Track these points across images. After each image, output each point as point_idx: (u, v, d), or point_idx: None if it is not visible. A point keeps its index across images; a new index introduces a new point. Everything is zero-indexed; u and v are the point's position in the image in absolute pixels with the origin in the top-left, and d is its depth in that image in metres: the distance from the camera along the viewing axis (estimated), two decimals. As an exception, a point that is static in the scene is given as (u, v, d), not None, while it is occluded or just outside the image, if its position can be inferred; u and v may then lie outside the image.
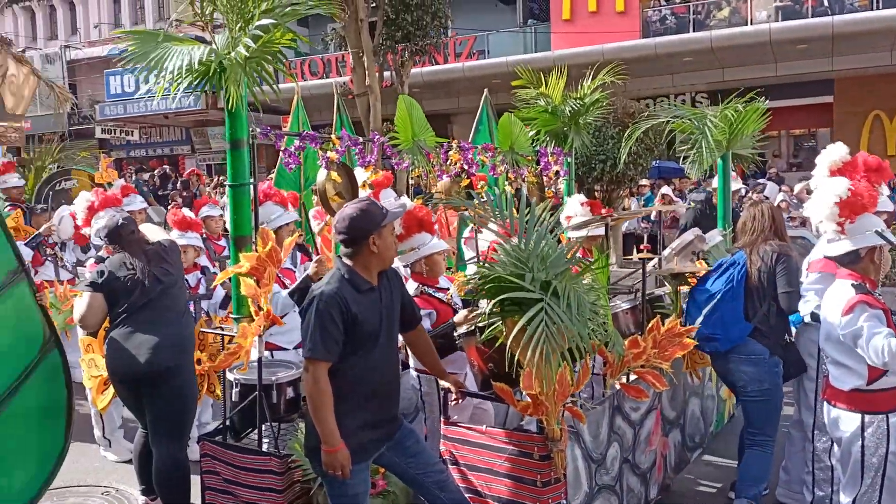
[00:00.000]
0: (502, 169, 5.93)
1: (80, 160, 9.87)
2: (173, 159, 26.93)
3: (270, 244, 3.79)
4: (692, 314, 4.21)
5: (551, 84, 6.81)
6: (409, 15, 13.19)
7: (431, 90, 19.38)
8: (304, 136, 4.14)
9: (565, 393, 3.26)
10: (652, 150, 10.55)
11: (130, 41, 3.49)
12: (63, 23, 29.88)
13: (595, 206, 5.47)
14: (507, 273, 3.09)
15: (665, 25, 18.49)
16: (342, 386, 2.97)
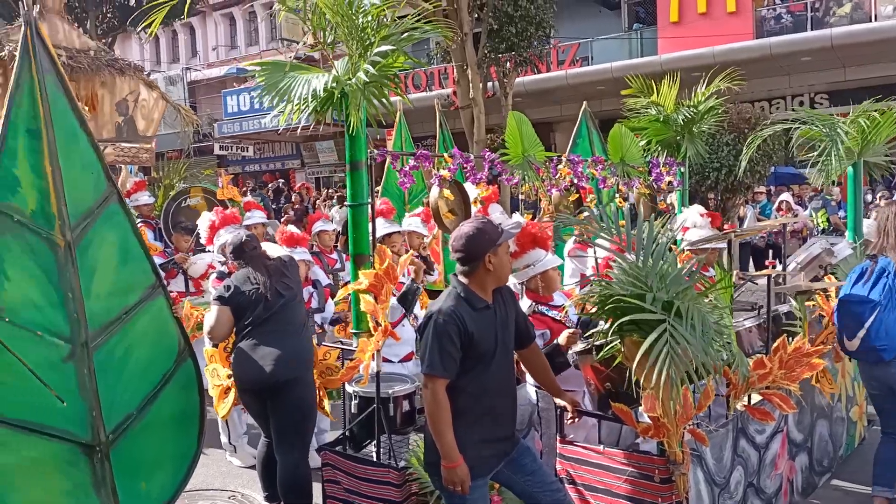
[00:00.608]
0: (613, 181, 5.84)
1: (203, 178, 10.46)
2: (284, 173, 28.06)
3: (388, 261, 3.89)
4: (851, 327, 4.03)
5: (663, 92, 6.67)
6: (513, 27, 13.19)
7: (534, 99, 19.31)
8: (419, 157, 4.24)
9: (688, 415, 3.18)
10: (770, 156, 10.08)
11: (261, 72, 3.68)
12: (184, 47, 31.76)
13: (715, 219, 5.30)
14: (627, 293, 3.04)
15: (780, 24, 17.66)
16: (460, 402, 3.02)
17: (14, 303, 3.38)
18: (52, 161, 3.45)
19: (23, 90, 3.41)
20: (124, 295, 3.73)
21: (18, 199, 3.41)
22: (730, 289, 3.97)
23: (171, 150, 22.48)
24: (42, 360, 3.45)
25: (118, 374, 3.70)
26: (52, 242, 3.47)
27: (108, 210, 3.68)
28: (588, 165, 5.50)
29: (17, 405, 3.40)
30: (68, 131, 3.53)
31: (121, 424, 3.71)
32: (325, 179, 27.34)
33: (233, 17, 29.99)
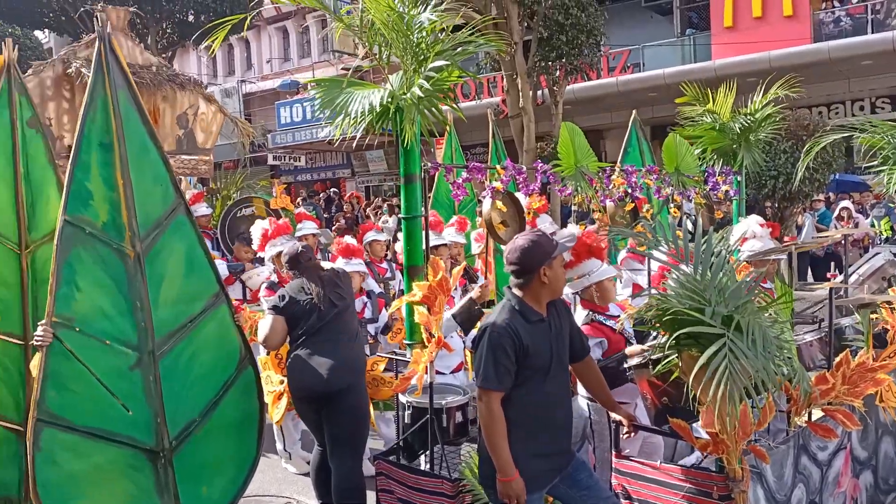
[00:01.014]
0: (668, 191, 5.77)
1: (259, 189, 10.70)
2: (335, 182, 28.45)
3: (441, 273, 3.92)
4: None
5: (718, 100, 6.57)
6: (563, 35, 13.15)
7: (584, 106, 19.19)
8: (472, 169, 4.27)
9: (747, 431, 3.12)
10: (830, 164, 9.82)
11: (318, 89, 3.77)
12: (239, 59, 32.52)
13: (775, 229, 5.19)
14: (685, 306, 3.01)
15: (839, 28, 17.19)
16: (515, 416, 3.02)
17: (85, 313, 3.50)
18: (123, 173, 3.56)
19: (96, 105, 3.54)
20: (190, 303, 3.83)
21: (90, 212, 3.53)
22: (790, 303, 3.88)
23: (226, 160, 23.03)
24: (110, 368, 3.56)
25: (183, 381, 3.79)
26: (123, 253, 3.59)
27: (176, 221, 3.79)
28: (642, 175, 5.45)
29: (87, 413, 3.51)
30: (139, 145, 3.64)
31: (184, 430, 3.80)
32: (375, 188, 27.64)
33: (286, 31, 30.60)
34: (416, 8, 3.70)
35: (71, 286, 3.47)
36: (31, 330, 4.03)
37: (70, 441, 3.47)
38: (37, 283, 4.06)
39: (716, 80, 14.13)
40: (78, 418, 3.49)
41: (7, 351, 4.01)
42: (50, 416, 3.42)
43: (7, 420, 4.04)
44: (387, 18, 3.66)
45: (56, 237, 3.47)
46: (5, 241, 3.99)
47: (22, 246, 4.04)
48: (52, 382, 3.42)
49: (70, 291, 3.47)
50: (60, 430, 3.44)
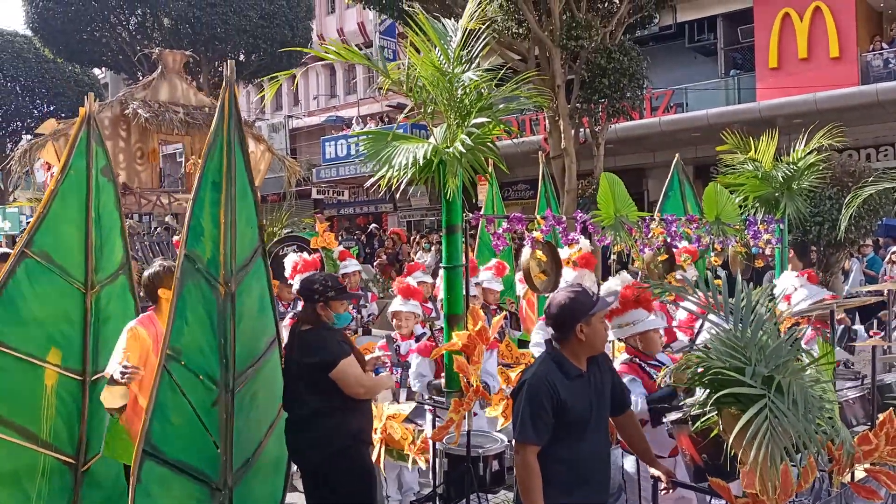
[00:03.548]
0: (708, 240, 5.76)
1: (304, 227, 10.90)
2: (377, 216, 28.78)
3: (480, 323, 3.99)
4: None
5: (760, 148, 6.56)
6: (606, 78, 13.26)
7: (627, 145, 19.19)
8: (512, 219, 4.35)
9: (788, 492, 3.09)
10: (877, 210, 9.65)
11: (365, 141, 3.90)
12: (286, 95, 33.36)
13: (812, 276, 5.14)
14: (726, 365, 3.01)
15: (888, 69, 16.96)
16: (553, 471, 3.04)
17: (189, 347, 3.63)
18: (227, 213, 3.69)
19: (216, 146, 3.70)
20: (256, 343, 3.96)
21: (201, 248, 3.69)
22: (833, 362, 3.84)
23: (271, 193, 23.50)
24: (199, 403, 3.67)
25: (245, 420, 3.90)
26: (217, 290, 3.72)
27: (257, 262, 3.95)
28: (682, 224, 5.46)
29: (179, 447, 3.61)
30: (242, 188, 3.80)
31: (241, 468, 3.90)
32: (417, 223, 27.87)
33: (333, 68, 31.35)
34: (461, 66, 3.82)
35: (182, 320, 3.59)
36: (90, 366, 4.22)
37: (163, 475, 3.56)
38: (99, 321, 4.26)
39: (760, 121, 14.09)
40: (171, 451, 3.59)
41: (66, 386, 4.17)
42: (152, 448, 3.51)
43: (61, 452, 4.19)
44: (431, 76, 3.79)
45: (177, 271, 3.60)
46: (73, 281, 4.19)
47: (88, 286, 4.24)
48: (158, 415, 3.52)
49: (181, 325, 3.59)
50: (158, 464, 3.54)
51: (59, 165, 4.24)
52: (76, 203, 4.19)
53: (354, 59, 3.98)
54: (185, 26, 21.24)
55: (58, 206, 4.13)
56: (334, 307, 3.87)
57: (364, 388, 3.76)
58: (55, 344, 4.13)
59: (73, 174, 4.18)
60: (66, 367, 4.17)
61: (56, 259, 4.12)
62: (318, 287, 3.86)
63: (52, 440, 4.13)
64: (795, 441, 2.88)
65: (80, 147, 4.21)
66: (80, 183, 4.20)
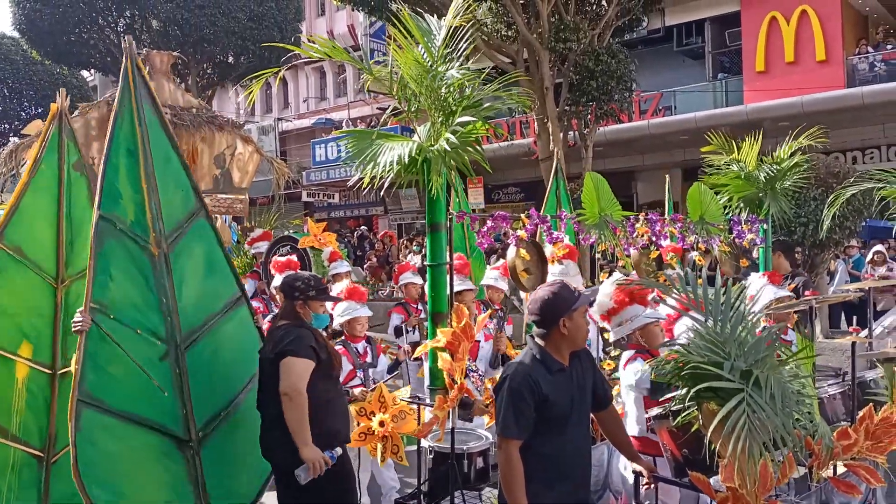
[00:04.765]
0: (692, 239, 5.81)
1: (292, 228, 10.92)
2: (368, 219, 28.77)
3: (465, 320, 4.01)
4: None
5: (744, 149, 6.61)
6: (594, 81, 13.32)
7: (615, 148, 19.25)
8: (496, 217, 4.37)
9: (767, 486, 3.12)
10: (861, 211, 9.74)
11: (348, 140, 3.92)
12: (277, 98, 33.34)
13: (773, 277, 5.17)
14: (705, 360, 3.04)
15: (874, 73, 17.12)
16: (534, 465, 3.06)
17: (119, 302, 3.73)
18: (148, 179, 3.85)
19: (123, 115, 3.84)
20: (211, 302, 4.09)
21: (120, 210, 3.80)
22: (812, 356, 3.88)
23: (261, 196, 23.47)
24: (142, 357, 3.76)
25: (207, 375, 3.98)
26: (149, 251, 3.85)
27: (197, 225, 4.08)
28: (666, 224, 5.50)
29: (123, 397, 3.68)
30: (162, 154, 3.94)
31: (210, 423, 3.97)
32: (408, 226, 27.87)
33: (323, 70, 31.35)
34: (445, 64, 3.84)
35: (105, 275, 3.70)
36: (59, 360, 4.26)
37: (108, 423, 3.62)
38: (68, 315, 4.25)
39: (748, 124, 14.18)
40: (115, 401, 3.65)
41: (36, 379, 4.20)
42: (89, 398, 3.56)
43: (30, 446, 4.20)
44: (416, 74, 3.81)
45: (92, 230, 3.70)
46: (44, 275, 4.24)
47: (59, 280, 4.28)
48: (91, 365, 3.60)
49: (105, 280, 3.70)
50: (99, 412, 3.59)
51: (30, 160, 4.32)
52: (48, 198, 4.26)
53: (337, 55, 4.00)
54: (173, 28, 21.21)
55: (29, 200, 4.19)
56: (313, 307, 3.88)
57: (290, 394, 3.60)
58: (26, 337, 4.17)
59: (44, 169, 4.25)
60: (36, 360, 4.20)
61: (28, 253, 4.18)
62: (300, 285, 3.87)
63: (21, 434, 4.15)
64: (773, 435, 2.91)
65: (51, 143, 4.28)
66: (51, 178, 4.27)
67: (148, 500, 3.73)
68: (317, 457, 3.58)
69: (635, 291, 4.17)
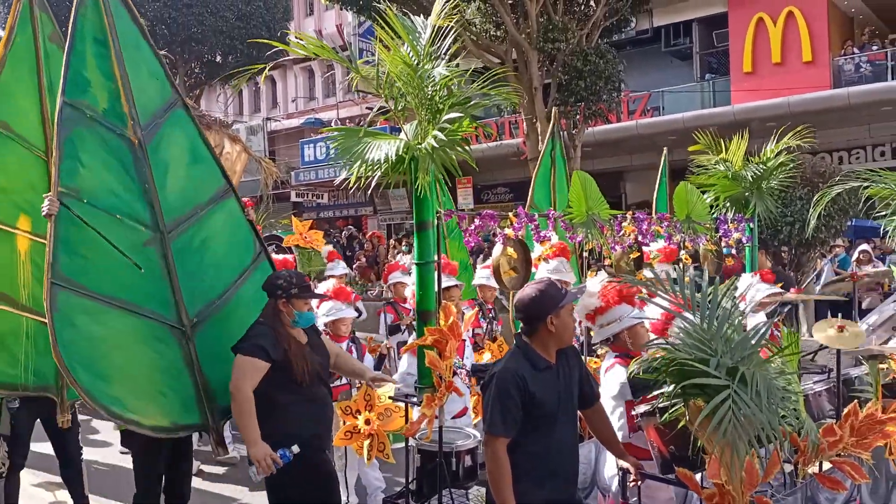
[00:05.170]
0: (678, 238, 5.84)
1: (280, 227, 10.87)
2: (357, 220, 28.73)
3: (452, 318, 4.01)
4: None
5: (731, 148, 6.65)
6: (582, 81, 13.36)
7: (604, 148, 19.32)
8: (484, 216, 4.38)
9: (753, 482, 3.13)
10: (847, 210, 9.83)
11: (336, 137, 3.91)
12: (265, 98, 33.25)
13: (765, 276, 5.21)
14: (691, 357, 3.05)
15: (859, 74, 17.26)
16: (521, 463, 3.06)
17: (92, 187, 3.65)
18: (119, 67, 3.73)
19: (87, 4, 3.71)
20: (197, 192, 4.02)
21: (90, 98, 3.70)
22: (797, 353, 3.90)
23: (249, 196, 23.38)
24: (124, 241, 3.68)
25: (197, 264, 3.94)
26: (126, 139, 3.77)
27: (175, 114, 3.99)
28: (653, 222, 5.52)
29: (104, 282, 3.61)
30: (132, 42, 3.83)
31: (203, 310, 3.92)
32: (398, 226, 27.85)
33: (311, 70, 31.29)
34: (431, 62, 3.84)
35: (74, 161, 3.61)
36: None
37: (87, 306, 3.54)
38: None
39: (735, 124, 14.27)
40: (94, 285, 3.57)
41: (40, 251, 4.08)
42: (63, 280, 3.49)
43: (42, 315, 4.03)
44: (401, 72, 3.81)
45: (56, 117, 3.61)
46: (33, 149, 4.22)
47: (48, 153, 4.22)
48: (64, 248, 3.52)
49: (74, 165, 3.61)
50: (76, 295, 3.51)
51: (3, 35, 4.22)
52: (26, 71, 4.19)
53: (324, 54, 3.99)
54: (160, 27, 21.08)
55: (8, 75, 4.12)
56: (297, 305, 3.78)
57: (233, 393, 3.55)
58: (23, 211, 4.15)
59: (19, 42, 4.16)
60: (36, 232, 4.16)
61: (15, 128, 4.14)
62: (283, 283, 3.78)
63: (31, 304, 4.15)
64: (759, 431, 2.93)
65: (23, 15, 4.18)
66: (27, 50, 4.19)
67: (140, 384, 3.66)
68: (263, 455, 3.49)
69: (624, 291, 4.15)
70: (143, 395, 3.66)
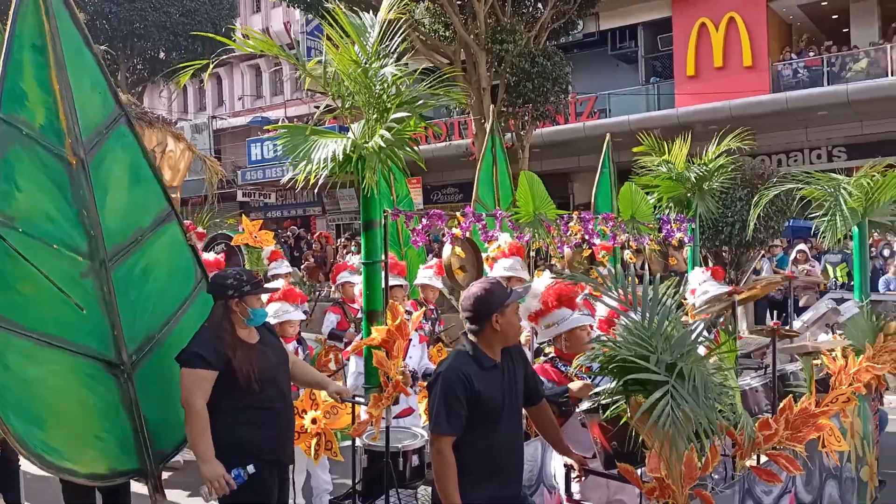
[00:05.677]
0: (623, 238, 5.94)
1: (226, 227, 10.69)
2: (305, 220, 28.44)
3: (399, 318, 3.99)
4: None
5: (674, 150, 6.80)
6: (530, 82, 13.49)
7: (551, 150, 19.57)
8: (432, 216, 4.38)
9: (692, 475, 3.21)
10: (784, 211, 10.16)
11: (282, 135, 3.87)
12: (211, 96, 32.65)
13: (716, 273, 5.35)
14: (632, 353, 3.11)
15: (797, 79, 17.86)
16: (466, 461, 3.08)
17: (27, 214, 3.34)
18: (59, 77, 3.39)
19: (27, 5, 3.36)
20: (138, 216, 3.75)
21: (26, 113, 3.35)
22: (734, 350, 4.02)
23: (195, 195, 22.96)
24: (61, 273, 3.40)
25: (138, 294, 3.68)
26: (64, 159, 3.44)
27: (118, 131, 3.68)
28: (599, 222, 5.61)
29: (39, 319, 3.34)
30: (74, 48, 3.48)
31: (143, 345, 3.68)
32: (346, 226, 27.68)
33: (259, 68, 30.84)
34: (379, 61, 3.83)
35: (10, 184, 3.30)
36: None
37: (22, 346, 3.29)
38: None
39: (679, 127, 14.62)
40: (29, 322, 3.31)
41: None
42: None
43: None
44: (348, 70, 3.79)
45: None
46: None
47: None
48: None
49: (9, 189, 3.29)
50: (11, 334, 3.26)
51: None
52: None
53: (270, 50, 3.93)
54: (101, 21, 20.53)
55: None
56: (250, 302, 3.58)
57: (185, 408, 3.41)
58: None
59: None
60: None
61: None
62: (233, 282, 3.53)
63: None
64: (697, 426, 3.00)
65: None
66: None
67: (77, 428, 3.44)
68: (216, 475, 3.30)
69: (563, 294, 4.19)
70: (80, 440, 3.44)
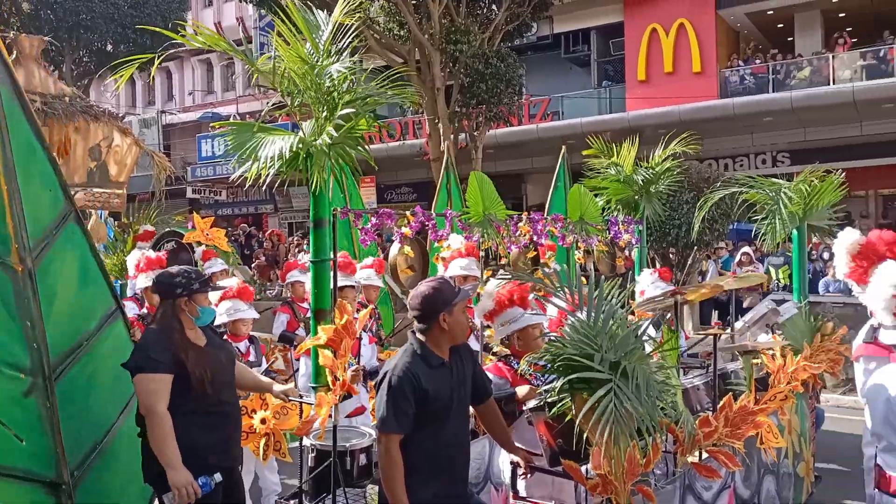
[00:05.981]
0: (571, 239, 6.02)
1: (174, 224, 10.50)
2: (257, 218, 28.07)
3: (346, 317, 3.97)
4: None
5: (622, 153, 6.92)
6: (483, 83, 13.56)
7: (505, 151, 19.70)
8: (381, 215, 4.38)
9: (635, 472, 3.27)
10: (728, 214, 10.43)
11: (229, 132, 3.81)
12: (160, 90, 31.96)
13: (663, 274, 5.47)
14: (577, 352, 3.16)
15: (744, 86, 18.33)
16: (414, 459, 3.08)
17: None
18: (8, 178, 3.16)
19: None
20: (84, 320, 3.57)
21: None
22: (676, 349, 4.11)
23: (142, 192, 22.46)
24: (2, 395, 3.20)
25: (83, 405, 3.51)
26: (9, 268, 3.21)
27: (67, 229, 3.48)
28: (548, 223, 5.67)
29: None
30: (25, 145, 3.28)
31: (85, 459, 3.53)
32: (299, 224, 27.40)
33: (210, 63, 30.31)
34: (329, 58, 3.81)
35: None
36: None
37: None
38: None
39: (629, 130, 14.87)
40: None
41: None
42: None
43: None
44: (299, 67, 3.76)
45: None
46: None
47: None
48: None
49: None
50: None
51: None
52: None
53: (219, 45, 3.87)
54: (46, 11, 19.95)
55: None
56: (199, 300, 3.49)
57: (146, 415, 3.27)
58: None
59: None
60: None
61: None
62: (181, 280, 3.42)
63: None
64: (639, 423, 3.07)
65: None
66: None
67: None
68: (184, 483, 3.19)
69: (516, 293, 4.24)
70: None
